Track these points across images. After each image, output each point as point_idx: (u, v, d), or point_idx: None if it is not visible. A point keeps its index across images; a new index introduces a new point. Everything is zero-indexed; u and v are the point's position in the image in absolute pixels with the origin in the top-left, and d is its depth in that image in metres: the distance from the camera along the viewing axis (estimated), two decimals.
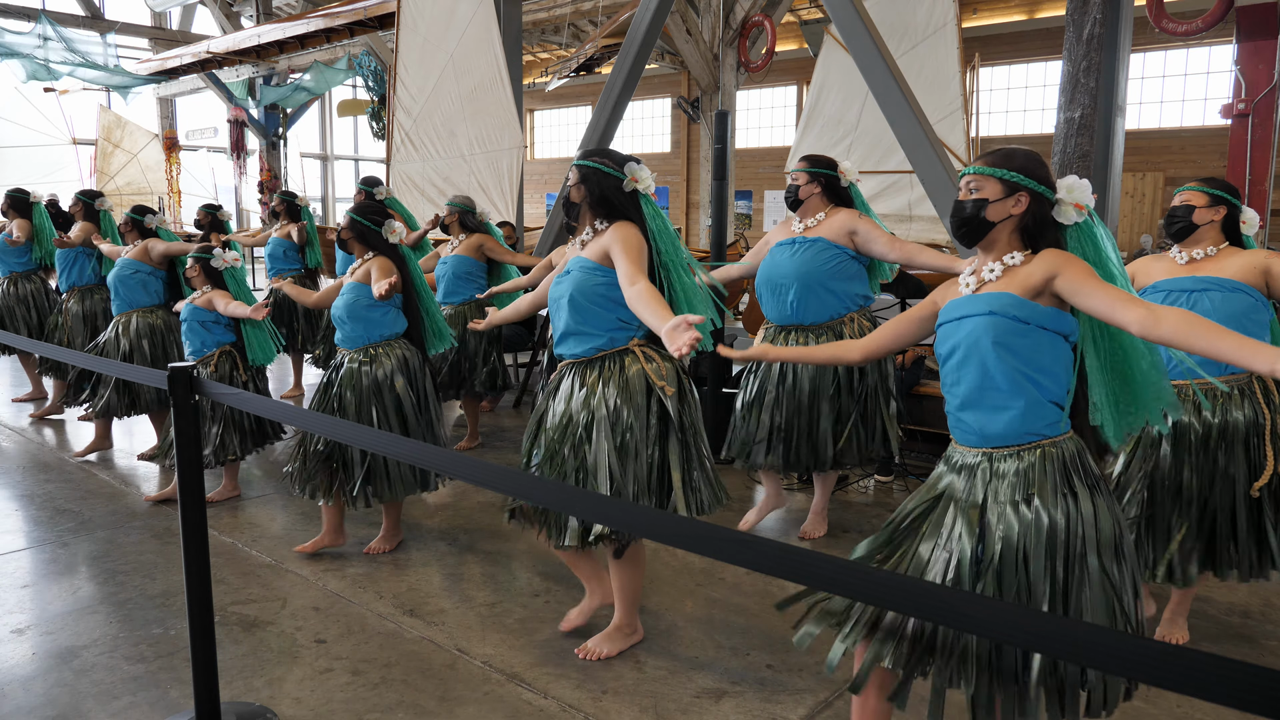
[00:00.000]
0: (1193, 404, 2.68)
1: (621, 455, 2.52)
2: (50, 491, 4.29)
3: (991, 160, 1.94)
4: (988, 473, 1.89)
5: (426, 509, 4.10)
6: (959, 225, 1.96)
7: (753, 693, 2.54)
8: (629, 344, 2.60)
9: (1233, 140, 7.25)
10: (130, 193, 15.13)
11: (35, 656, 2.71)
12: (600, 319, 2.57)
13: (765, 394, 3.54)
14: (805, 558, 1.27)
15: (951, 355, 1.95)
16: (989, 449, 1.90)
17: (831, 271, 3.42)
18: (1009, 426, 1.87)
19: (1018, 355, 1.84)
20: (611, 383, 2.55)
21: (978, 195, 1.92)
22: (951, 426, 2.00)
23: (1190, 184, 2.84)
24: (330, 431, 2.00)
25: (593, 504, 1.60)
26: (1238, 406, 2.66)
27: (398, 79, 7.47)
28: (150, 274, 4.66)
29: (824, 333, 3.44)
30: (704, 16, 11.35)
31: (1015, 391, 1.85)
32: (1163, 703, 2.49)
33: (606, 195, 2.58)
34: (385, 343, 3.45)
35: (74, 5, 15.20)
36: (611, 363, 2.58)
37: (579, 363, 2.63)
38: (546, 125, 21.58)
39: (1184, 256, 2.80)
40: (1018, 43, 14.49)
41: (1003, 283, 1.91)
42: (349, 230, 3.46)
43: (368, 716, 2.41)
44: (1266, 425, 2.65)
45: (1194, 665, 0.95)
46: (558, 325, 2.66)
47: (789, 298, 3.46)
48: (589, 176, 2.61)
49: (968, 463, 1.93)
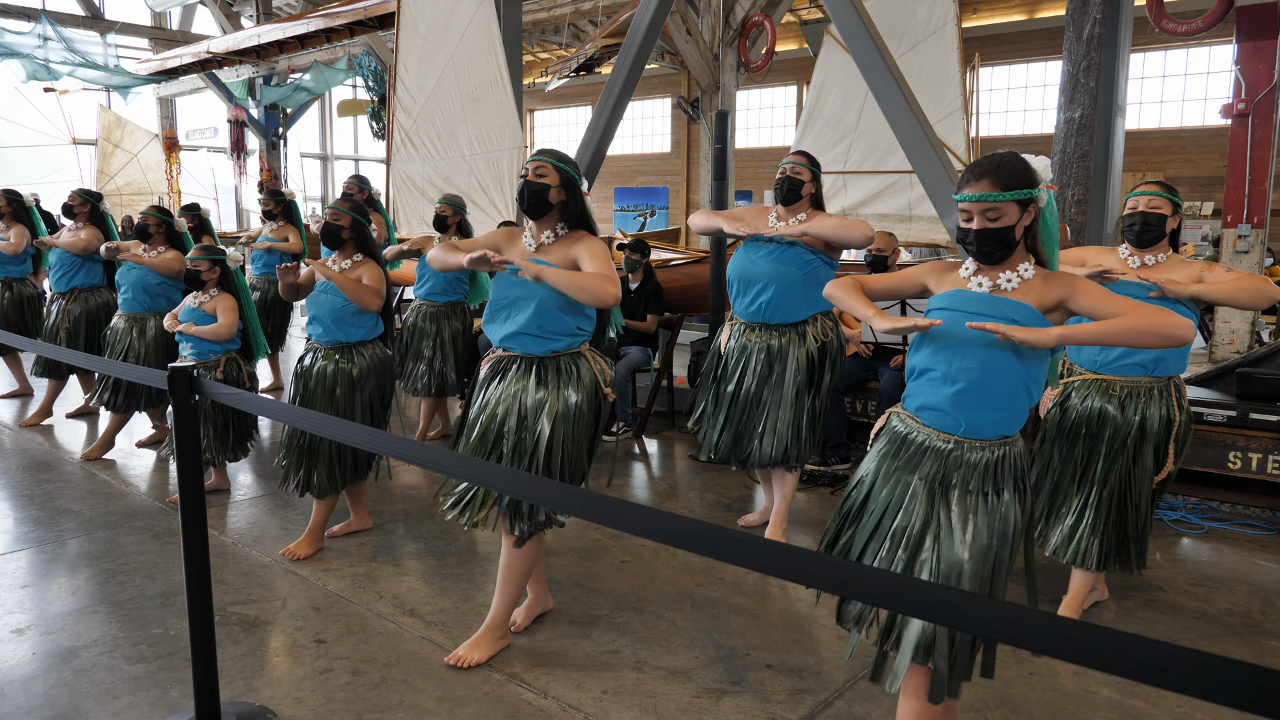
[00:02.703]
0: (1118, 399, 2.88)
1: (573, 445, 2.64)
2: (50, 491, 4.29)
3: (1004, 183, 1.93)
4: (958, 460, 1.97)
5: (427, 509, 4.10)
6: (988, 251, 1.97)
7: (753, 693, 2.54)
8: (580, 348, 2.70)
9: (1233, 140, 7.24)
10: (130, 193, 15.13)
11: (35, 656, 2.71)
12: (565, 324, 2.63)
13: (719, 387, 3.59)
14: (805, 558, 1.27)
15: (955, 346, 1.97)
16: (964, 439, 1.98)
17: (806, 277, 3.45)
18: (994, 425, 1.97)
19: (1026, 367, 1.95)
20: (570, 383, 2.64)
21: (1002, 223, 1.94)
22: (919, 406, 2.04)
23: (1151, 188, 2.89)
24: (330, 431, 2.00)
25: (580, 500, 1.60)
26: (1155, 405, 2.86)
27: (398, 79, 7.47)
28: (175, 286, 4.73)
29: (787, 332, 3.48)
30: (704, 16, 11.35)
31: (1011, 396, 1.96)
32: (1162, 703, 2.50)
33: (583, 208, 2.69)
34: (360, 343, 3.47)
35: (74, 5, 15.19)
36: (568, 364, 2.65)
37: (530, 359, 2.66)
38: (546, 125, 21.58)
39: (1136, 260, 2.92)
40: (1018, 43, 14.48)
41: (1018, 294, 1.96)
42: (352, 231, 3.45)
43: (368, 716, 2.41)
44: (1176, 426, 2.85)
45: (1194, 665, 0.95)
46: (507, 320, 2.66)
47: (761, 298, 3.48)
48: (573, 185, 2.65)
49: (935, 446, 2.00)
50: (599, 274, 2.54)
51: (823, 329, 3.52)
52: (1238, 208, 7.27)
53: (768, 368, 3.48)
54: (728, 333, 3.63)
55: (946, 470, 1.97)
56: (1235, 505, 4.18)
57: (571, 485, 1.53)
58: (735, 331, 3.59)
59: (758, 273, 3.47)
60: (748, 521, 3.93)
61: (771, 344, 3.49)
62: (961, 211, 1.99)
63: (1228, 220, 7.37)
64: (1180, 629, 3.00)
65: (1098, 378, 2.94)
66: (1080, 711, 2.46)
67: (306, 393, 3.43)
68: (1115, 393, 2.89)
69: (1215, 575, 3.46)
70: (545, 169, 2.63)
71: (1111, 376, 2.92)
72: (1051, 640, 1.06)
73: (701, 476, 4.74)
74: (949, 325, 1.98)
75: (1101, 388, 2.91)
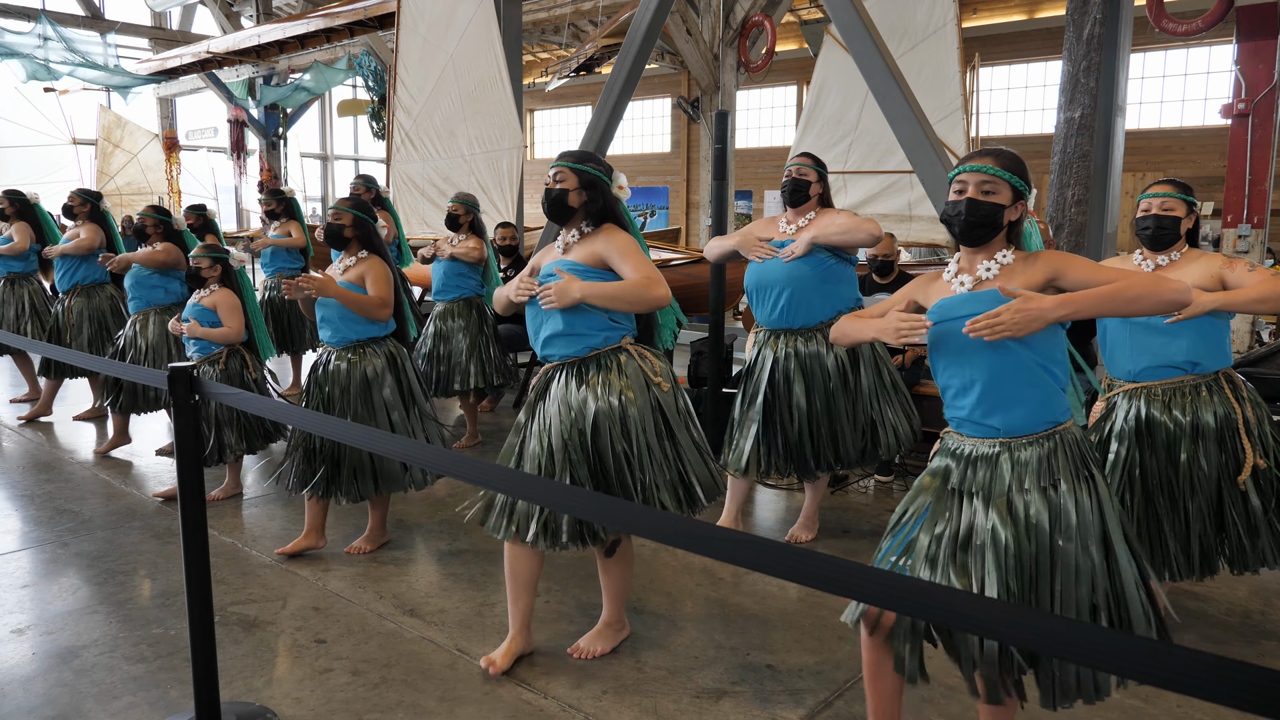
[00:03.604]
0: (1162, 403, 2.78)
1: (635, 451, 2.52)
2: (50, 491, 4.29)
3: (1005, 164, 1.96)
4: (1009, 461, 1.92)
5: (427, 509, 4.10)
6: (975, 225, 1.95)
7: (753, 693, 2.54)
8: (621, 342, 2.61)
9: (1233, 140, 7.25)
10: (130, 192, 15.14)
11: (35, 656, 2.71)
12: (593, 320, 2.57)
13: (757, 398, 3.52)
14: (805, 558, 1.27)
15: (958, 356, 1.95)
16: (1007, 439, 1.94)
17: (822, 275, 3.42)
18: (1029, 417, 1.92)
19: (1035, 348, 1.90)
20: (612, 381, 2.54)
21: (994, 199, 1.93)
22: (958, 422, 2.01)
23: (1164, 189, 2.81)
24: (330, 431, 2.00)
25: (593, 504, 1.60)
26: (1207, 405, 2.75)
27: (398, 79, 7.47)
28: (173, 277, 4.74)
29: (813, 335, 3.45)
30: (704, 16, 11.35)
31: (1033, 383, 1.91)
32: (1162, 703, 2.50)
33: (609, 204, 2.62)
34: (373, 340, 3.45)
35: (74, 5, 15.20)
36: (608, 360, 2.58)
37: (571, 363, 2.60)
38: (546, 125, 21.58)
39: (1150, 264, 2.85)
40: (1018, 43, 14.48)
41: (1000, 281, 1.94)
42: (354, 229, 3.44)
43: (368, 716, 2.41)
44: (1238, 419, 2.73)
45: (1194, 665, 0.95)
46: (542, 329, 2.62)
47: (779, 302, 3.45)
48: (595, 183, 2.60)
49: (983, 453, 1.96)
50: (640, 278, 2.48)
51: None
52: (1238, 208, 7.28)
53: (800, 374, 3.44)
54: (752, 340, 3.61)
55: (1000, 474, 1.93)
56: None
57: (573, 487, 1.54)
58: (760, 339, 3.55)
59: (773, 278, 3.45)
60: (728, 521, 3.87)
61: (800, 349, 3.44)
62: (956, 184, 1.97)
63: (1228, 220, 7.37)
64: (1180, 629, 3.00)
65: (1138, 386, 2.83)
66: (1080, 711, 2.46)
67: (323, 396, 3.38)
68: (1159, 397, 2.78)
69: (1215, 575, 3.45)
70: (563, 173, 2.61)
71: (1151, 383, 2.80)
72: (1052, 640, 1.06)
73: None
74: (946, 338, 1.97)
75: (1145, 395, 2.81)
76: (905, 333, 1.96)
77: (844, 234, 3.31)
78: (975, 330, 1.84)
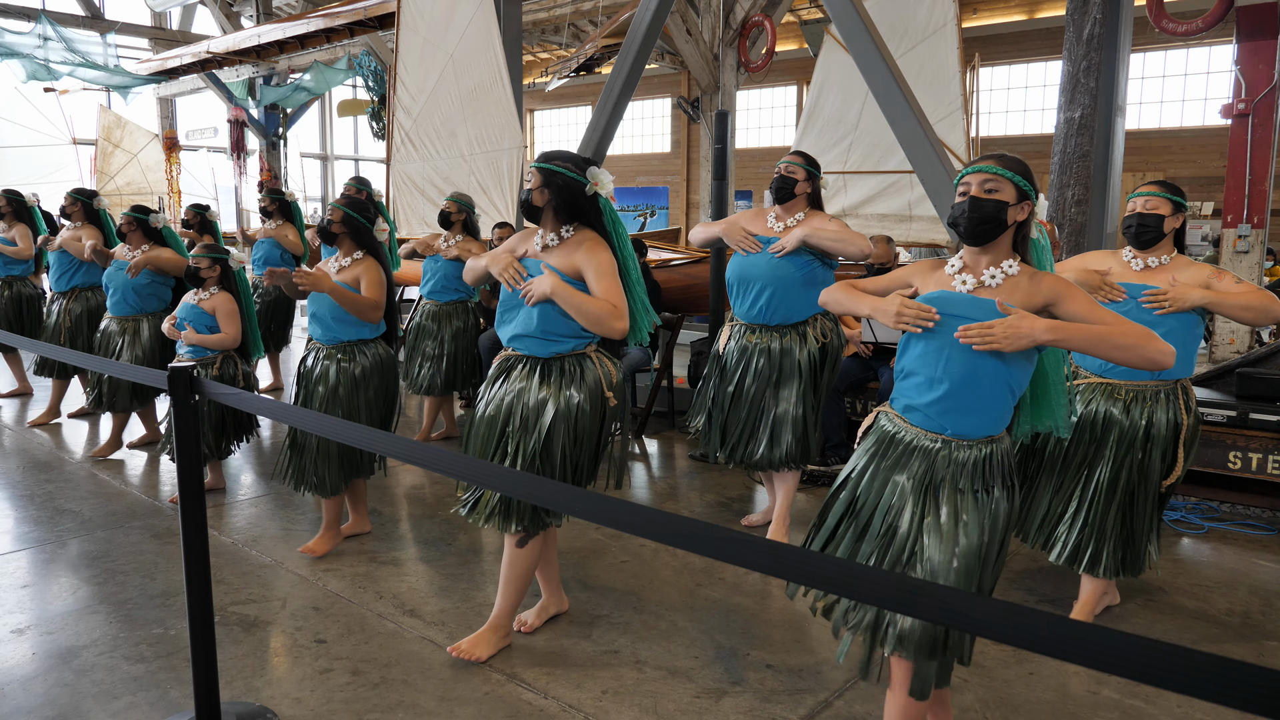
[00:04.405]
0: (1123, 403, 2.86)
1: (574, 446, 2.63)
2: (50, 491, 4.29)
3: (1008, 165, 1.97)
4: (947, 459, 1.97)
5: (427, 509, 4.10)
6: (978, 222, 1.96)
7: (753, 693, 2.54)
8: (586, 349, 2.68)
9: (1233, 140, 7.25)
10: (130, 193, 15.13)
11: (35, 656, 2.71)
12: (568, 326, 2.62)
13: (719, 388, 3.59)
14: (805, 558, 1.27)
15: (940, 350, 1.97)
16: (949, 438, 1.99)
17: (805, 277, 3.44)
18: (979, 426, 1.98)
19: (1010, 367, 1.94)
20: (573, 384, 2.62)
21: (997, 196, 1.94)
22: (906, 407, 2.05)
23: (1150, 188, 2.86)
24: (331, 431, 2.00)
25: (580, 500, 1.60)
26: (1162, 409, 2.83)
27: (398, 79, 7.47)
28: (162, 283, 4.72)
29: (788, 333, 3.48)
30: (704, 16, 11.34)
31: (996, 398, 1.96)
32: (1162, 703, 2.50)
33: (570, 200, 2.62)
34: (363, 342, 3.45)
35: (74, 5, 15.19)
36: (572, 365, 2.64)
37: (535, 359, 2.66)
38: (546, 125, 21.58)
39: (1139, 263, 2.88)
40: (1018, 43, 14.48)
41: (1002, 292, 1.94)
42: (343, 225, 3.42)
43: (368, 716, 2.41)
44: (1183, 429, 2.82)
45: (1194, 665, 0.95)
46: (513, 320, 2.67)
47: (759, 299, 3.48)
48: (552, 181, 2.61)
49: (924, 445, 2.01)
50: (607, 305, 2.53)
51: (823, 329, 3.52)
52: (1238, 208, 7.28)
53: (769, 369, 3.48)
54: (727, 333, 3.62)
55: (935, 469, 1.97)
56: (1235, 505, 4.18)
57: (573, 486, 1.53)
58: (735, 333, 3.59)
59: (756, 274, 3.47)
60: (750, 521, 3.93)
61: (773, 345, 3.48)
62: (960, 187, 1.99)
63: (1228, 220, 7.37)
64: (1180, 629, 3.00)
65: (1103, 381, 2.91)
66: (1080, 711, 2.46)
67: (309, 393, 3.42)
68: (1120, 396, 2.86)
69: (1215, 575, 3.45)
70: (531, 173, 2.65)
71: (1117, 380, 2.88)
72: (1052, 640, 1.06)
73: (701, 476, 4.74)
74: (934, 329, 1.98)
75: (1107, 391, 2.89)
76: (908, 320, 1.97)
77: (837, 241, 3.34)
78: (966, 337, 1.89)
